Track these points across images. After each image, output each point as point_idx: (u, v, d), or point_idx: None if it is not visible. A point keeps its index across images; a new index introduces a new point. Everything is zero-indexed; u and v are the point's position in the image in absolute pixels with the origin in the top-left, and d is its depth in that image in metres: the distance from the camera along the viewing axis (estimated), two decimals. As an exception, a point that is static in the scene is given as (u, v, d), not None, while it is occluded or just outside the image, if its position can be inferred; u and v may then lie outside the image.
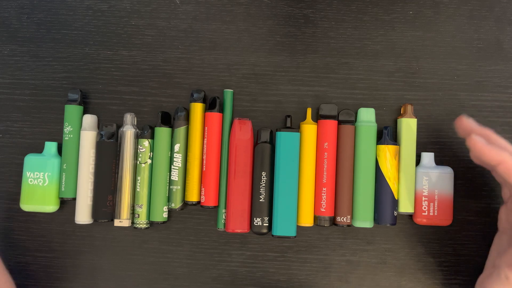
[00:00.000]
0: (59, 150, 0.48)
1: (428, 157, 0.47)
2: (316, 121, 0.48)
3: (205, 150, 0.47)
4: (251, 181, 0.47)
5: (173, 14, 0.50)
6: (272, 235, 0.46)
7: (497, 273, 0.39)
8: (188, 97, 0.49)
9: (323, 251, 0.48)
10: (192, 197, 0.47)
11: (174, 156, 0.47)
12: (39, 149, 0.49)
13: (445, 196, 0.46)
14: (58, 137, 0.49)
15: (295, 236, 0.46)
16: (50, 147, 0.48)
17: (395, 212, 0.46)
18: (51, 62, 0.50)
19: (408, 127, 0.47)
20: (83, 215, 0.47)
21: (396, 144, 0.46)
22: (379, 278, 0.48)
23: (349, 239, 0.48)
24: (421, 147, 0.48)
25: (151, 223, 0.48)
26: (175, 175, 0.47)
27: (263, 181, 0.46)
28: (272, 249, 0.48)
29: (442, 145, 0.49)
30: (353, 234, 0.48)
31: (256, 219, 0.46)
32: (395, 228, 0.48)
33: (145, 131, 0.47)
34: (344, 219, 0.46)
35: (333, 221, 0.47)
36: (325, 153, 0.47)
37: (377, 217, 0.46)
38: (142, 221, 0.47)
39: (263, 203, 0.46)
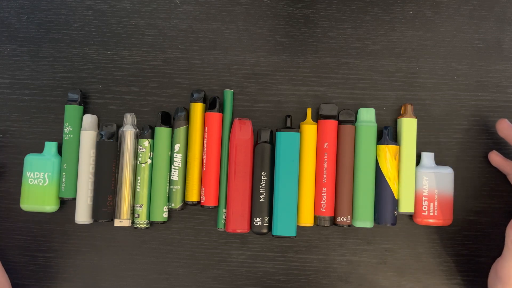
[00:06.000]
0: (59, 150, 0.48)
1: (428, 157, 0.47)
2: (316, 121, 0.48)
3: (205, 150, 0.47)
4: (251, 181, 0.47)
5: (173, 14, 0.50)
6: (272, 235, 0.46)
7: (507, 251, 0.42)
8: (188, 97, 0.49)
9: (323, 251, 0.48)
10: (192, 197, 0.47)
11: (174, 156, 0.47)
12: (39, 149, 0.49)
13: (445, 196, 0.46)
14: (58, 137, 0.49)
15: (295, 236, 0.46)
16: (50, 147, 0.48)
17: (395, 212, 0.46)
18: (51, 62, 0.50)
19: (408, 127, 0.47)
20: (83, 215, 0.47)
21: (396, 144, 0.46)
22: (379, 278, 0.48)
23: (349, 239, 0.48)
24: (421, 147, 0.48)
25: (151, 223, 0.48)
26: (175, 175, 0.47)
27: (263, 181, 0.46)
28: (272, 249, 0.48)
29: (442, 145, 0.49)
30: (353, 234, 0.48)
31: (256, 219, 0.46)
32: (395, 228, 0.48)
33: (145, 131, 0.47)
34: (344, 219, 0.46)
35: (333, 221, 0.47)
36: (325, 153, 0.47)
37: (377, 217, 0.46)
38: (142, 221, 0.47)
39: (263, 203, 0.46)
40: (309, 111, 0.48)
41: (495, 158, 0.47)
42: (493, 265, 0.45)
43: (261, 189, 0.46)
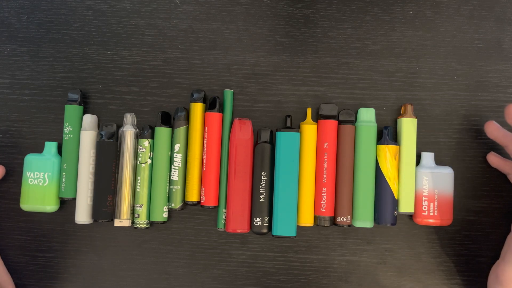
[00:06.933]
0: (59, 150, 0.48)
1: (428, 157, 0.47)
2: (316, 121, 0.48)
3: (205, 150, 0.47)
4: (251, 181, 0.47)
5: (173, 14, 0.50)
6: (272, 235, 0.46)
7: (510, 256, 0.41)
8: (188, 97, 0.49)
9: (323, 251, 0.48)
10: (192, 197, 0.47)
11: (174, 156, 0.47)
12: (39, 149, 0.49)
13: (445, 196, 0.46)
14: (58, 137, 0.49)
15: (295, 236, 0.46)
16: (50, 147, 0.48)
17: (395, 212, 0.46)
18: (51, 62, 0.50)
19: (408, 127, 0.47)
20: (83, 215, 0.47)
21: (396, 144, 0.46)
22: (379, 278, 0.48)
23: (349, 239, 0.48)
24: (421, 147, 0.48)
25: (151, 223, 0.48)
26: (175, 175, 0.47)
27: (263, 181, 0.46)
28: (272, 249, 0.48)
29: (442, 145, 0.49)
30: (353, 234, 0.48)
31: (256, 219, 0.46)
32: (395, 228, 0.48)
33: (145, 131, 0.47)
34: (344, 219, 0.46)
35: (333, 221, 0.47)
36: (325, 153, 0.47)
37: (377, 217, 0.46)
38: (142, 221, 0.47)
39: (263, 203, 0.46)
40: (309, 111, 0.48)
41: (494, 159, 0.47)
42: (493, 268, 0.45)
43: (261, 189, 0.46)
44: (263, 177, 0.46)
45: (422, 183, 0.46)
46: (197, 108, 0.47)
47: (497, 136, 0.45)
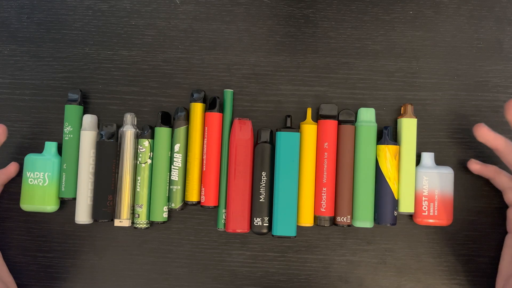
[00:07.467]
0: (59, 150, 0.48)
1: (428, 157, 0.47)
2: (316, 121, 0.48)
3: (205, 150, 0.47)
4: (251, 181, 0.47)
5: (173, 14, 0.50)
6: (272, 235, 0.46)
7: None
8: (188, 97, 0.49)
9: (323, 251, 0.48)
10: (192, 197, 0.47)
11: (174, 156, 0.47)
12: (39, 149, 0.49)
13: (445, 196, 0.46)
14: (58, 137, 0.49)
15: (295, 236, 0.46)
16: (50, 147, 0.48)
17: (395, 212, 0.46)
18: (51, 62, 0.50)
19: (408, 127, 0.47)
20: (83, 215, 0.47)
21: (396, 144, 0.46)
22: (379, 278, 0.48)
23: (349, 239, 0.48)
24: (421, 147, 0.48)
25: (151, 223, 0.48)
26: (175, 175, 0.47)
27: (263, 181, 0.46)
28: (272, 249, 0.48)
29: (442, 145, 0.49)
30: (353, 234, 0.48)
31: (256, 219, 0.46)
32: (395, 228, 0.48)
33: (145, 131, 0.47)
34: (344, 219, 0.46)
35: (333, 221, 0.47)
36: (325, 153, 0.47)
37: (377, 217, 0.46)
38: (142, 221, 0.47)
39: (263, 203, 0.46)
40: (309, 111, 0.48)
41: (475, 166, 0.46)
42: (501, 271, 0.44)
43: (261, 189, 0.46)
44: (263, 177, 0.46)
45: (422, 183, 0.46)
46: (197, 108, 0.47)
47: (488, 139, 0.44)
